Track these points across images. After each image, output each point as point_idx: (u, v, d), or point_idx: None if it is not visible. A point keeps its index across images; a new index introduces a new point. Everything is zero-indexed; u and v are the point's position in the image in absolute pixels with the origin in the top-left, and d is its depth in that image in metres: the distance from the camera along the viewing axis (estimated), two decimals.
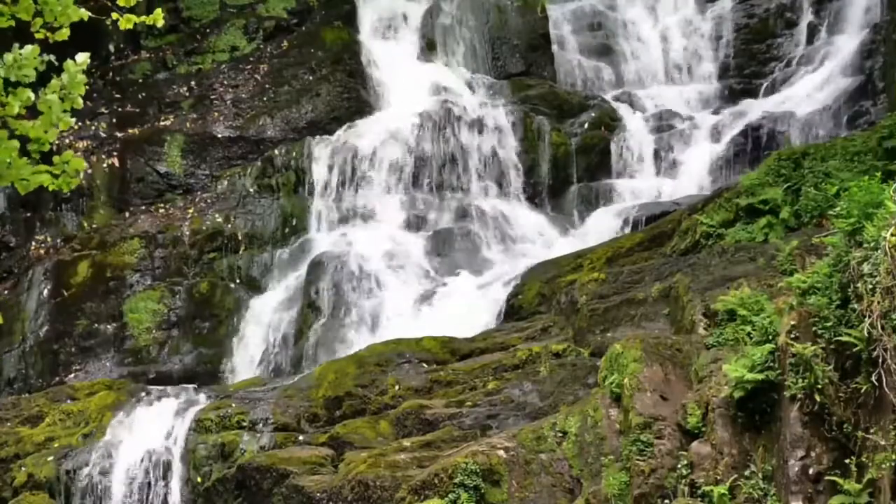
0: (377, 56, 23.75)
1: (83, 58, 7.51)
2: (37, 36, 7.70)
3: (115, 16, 8.16)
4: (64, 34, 7.67)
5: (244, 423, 15.57)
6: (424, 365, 16.21)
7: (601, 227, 20.20)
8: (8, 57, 7.39)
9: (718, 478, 11.74)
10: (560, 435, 13.18)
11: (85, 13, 7.71)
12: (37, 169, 7.71)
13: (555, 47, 24.73)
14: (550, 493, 12.82)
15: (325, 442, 15.04)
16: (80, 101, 7.59)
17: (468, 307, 18.66)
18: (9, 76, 7.39)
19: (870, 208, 11.08)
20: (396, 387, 15.73)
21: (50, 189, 7.86)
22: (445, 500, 12.64)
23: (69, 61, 7.50)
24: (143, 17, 8.27)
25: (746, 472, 11.67)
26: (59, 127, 7.53)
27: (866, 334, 10.70)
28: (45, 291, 20.37)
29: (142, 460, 15.45)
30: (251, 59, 23.82)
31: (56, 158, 7.75)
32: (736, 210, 16.75)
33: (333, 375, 16.18)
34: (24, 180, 7.81)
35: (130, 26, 8.15)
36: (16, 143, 7.59)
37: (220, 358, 19.71)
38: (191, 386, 17.66)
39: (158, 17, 8.23)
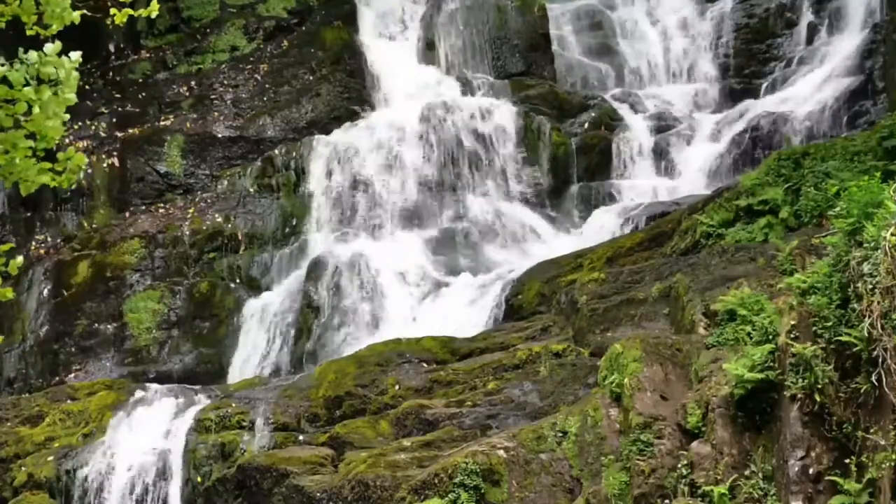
0: (377, 56, 23.75)
1: (76, 56, 7.58)
2: (28, 33, 7.76)
3: (113, 11, 8.21)
4: (54, 29, 7.75)
5: (244, 423, 15.57)
6: (424, 365, 16.21)
7: (601, 227, 20.19)
8: (32, 55, 7.47)
9: (718, 478, 11.74)
10: (560, 435, 13.19)
11: (76, 15, 7.76)
12: (41, 166, 7.78)
13: (555, 47, 24.72)
14: (550, 492, 12.83)
15: (325, 442, 15.04)
16: (74, 97, 7.65)
17: (468, 307, 18.67)
18: (34, 75, 7.46)
19: (870, 208, 11.08)
20: (396, 387, 15.73)
21: (51, 185, 7.92)
22: (445, 500, 12.65)
23: (64, 58, 7.57)
24: (140, 11, 8.32)
25: (746, 472, 11.67)
26: (55, 121, 7.59)
27: (866, 334, 10.70)
28: (45, 291, 20.37)
29: (142, 460, 15.45)
30: (251, 59, 23.82)
31: (60, 155, 7.83)
32: (736, 210, 16.74)
33: (333, 375, 16.18)
34: (27, 181, 7.88)
35: (125, 20, 8.19)
36: (30, 143, 7.67)
37: (220, 358, 19.71)
38: (191, 386, 17.66)
39: (154, 9, 8.26)
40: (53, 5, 7.57)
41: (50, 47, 7.49)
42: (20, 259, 8.32)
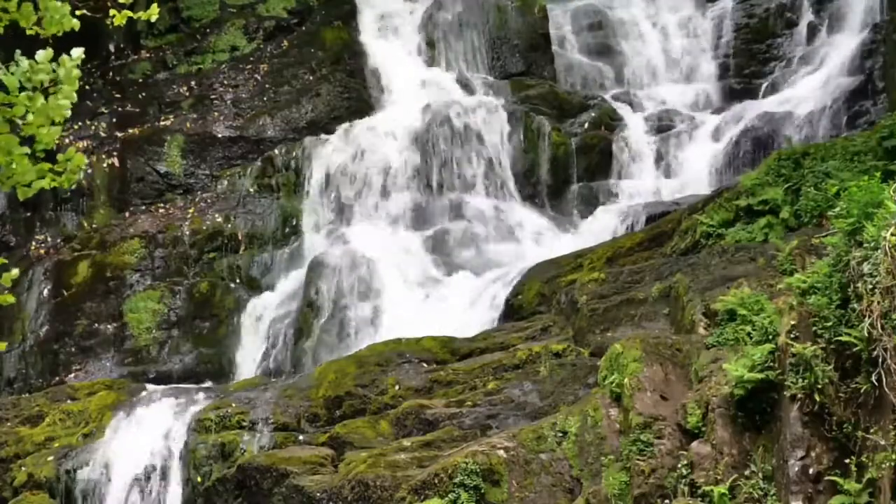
0: (377, 56, 23.75)
1: (78, 52, 7.55)
2: (28, 33, 7.74)
3: (112, 12, 8.19)
4: (52, 31, 7.72)
5: (244, 423, 15.57)
6: (424, 365, 16.21)
7: (601, 227, 20.19)
8: (24, 63, 7.45)
9: (718, 478, 11.74)
10: (560, 435, 13.19)
11: (76, 22, 7.76)
12: (40, 168, 7.76)
13: (555, 47, 24.72)
14: (550, 492, 12.83)
15: (325, 442, 15.04)
16: (75, 95, 7.62)
17: (468, 307, 18.67)
18: (24, 82, 7.42)
19: (870, 208, 11.08)
20: (396, 387, 15.73)
21: (51, 186, 7.90)
22: (445, 500, 12.65)
23: (64, 56, 7.54)
24: (139, 14, 8.29)
25: (746, 472, 11.67)
26: (56, 123, 7.57)
27: (866, 334, 10.71)
28: (45, 291, 20.37)
29: (142, 460, 15.46)
30: (251, 59, 23.82)
31: (60, 157, 7.81)
32: (736, 210, 16.74)
33: (333, 375, 16.18)
34: (25, 186, 7.87)
35: (124, 21, 8.17)
36: (26, 150, 7.65)
37: (220, 358, 19.71)
38: (191, 386, 17.66)
39: (154, 12, 8.24)
40: (52, 11, 7.54)
41: (42, 54, 7.45)
42: (15, 271, 8.31)
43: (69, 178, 7.80)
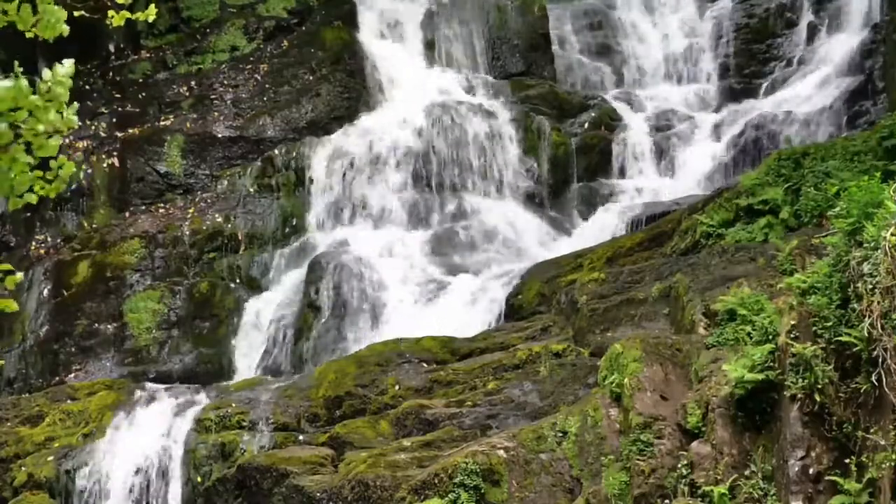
0: (377, 56, 23.75)
1: (69, 63, 7.51)
2: (27, 35, 7.71)
3: (111, 13, 8.16)
4: (53, 33, 7.67)
5: (244, 423, 15.57)
6: (424, 365, 16.21)
7: (601, 227, 20.20)
8: (46, 74, 7.41)
9: (718, 478, 11.74)
10: (560, 435, 13.19)
11: (66, 28, 7.74)
12: (33, 176, 7.71)
13: (555, 47, 24.73)
14: (550, 492, 12.82)
15: (325, 442, 15.05)
16: (75, 119, 7.58)
17: (468, 307, 18.67)
18: (43, 95, 7.37)
19: (870, 208, 11.08)
20: (396, 387, 15.73)
21: (39, 195, 7.84)
22: (445, 500, 12.65)
23: (57, 66, 7.50)
24: (137, 14, 8.26)
25: (746, 472, 11.67)
26: (54, 135, 7.51)
27: (866, 334, 10.70)
28: (45, 291, 20.36)
29: (142, 460, 15.46)
30: (251, 59, 23.81)
31: (53, 163, 7.75)
32: (736, 210, 16.75)
33: (333, 375, 16.19)
34: (17, 197, 7.82)
35: (122, 23, 8.13)
36: (29, 159, 7.60)
37: (220, 358, 19.71)
38: (191, 386, 17.66)
39: (152, 13, 8.21)
40: (49, 14, 7.50)
41: (62, 70, 7.40)
42: (19, 275, 8.27)
43: (58, 186, 7.74)
